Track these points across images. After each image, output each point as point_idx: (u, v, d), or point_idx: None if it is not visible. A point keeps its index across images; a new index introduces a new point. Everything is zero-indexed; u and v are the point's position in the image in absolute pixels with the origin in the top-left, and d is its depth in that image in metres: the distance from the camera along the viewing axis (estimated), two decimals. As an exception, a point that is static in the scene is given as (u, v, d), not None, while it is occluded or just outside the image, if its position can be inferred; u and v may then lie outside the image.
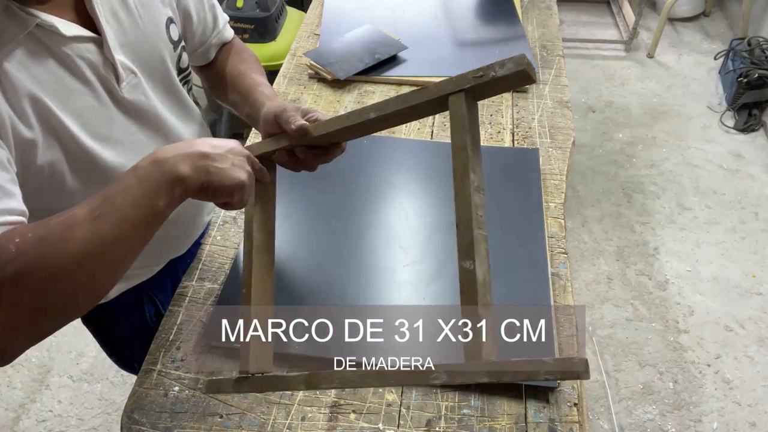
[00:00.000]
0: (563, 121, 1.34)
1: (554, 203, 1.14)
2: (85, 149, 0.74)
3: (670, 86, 3.06)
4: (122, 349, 1.13)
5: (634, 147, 2.70)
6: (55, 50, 0.69)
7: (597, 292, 2.10)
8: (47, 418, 1.77)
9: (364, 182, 1.20)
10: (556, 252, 1.05)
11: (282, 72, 1.51)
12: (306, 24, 1.70)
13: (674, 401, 1.79)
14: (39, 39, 0.67)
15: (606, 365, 1.88)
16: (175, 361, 0.90)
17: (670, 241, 2.28)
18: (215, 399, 0.86)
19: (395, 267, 1.01)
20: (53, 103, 0.69)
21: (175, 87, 0.88)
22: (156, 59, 0.82)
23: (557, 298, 0.97)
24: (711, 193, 2.47)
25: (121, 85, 0.76)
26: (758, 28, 3.03)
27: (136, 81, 0.79)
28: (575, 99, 2.97)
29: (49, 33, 0.68)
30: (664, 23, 3.16)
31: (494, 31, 1.64)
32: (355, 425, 0.83)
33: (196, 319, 0.96)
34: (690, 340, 1.95)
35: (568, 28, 3.49)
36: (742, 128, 2.75)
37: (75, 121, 0.72)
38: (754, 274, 2.15)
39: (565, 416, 0.83)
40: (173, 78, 0.87)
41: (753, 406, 1.78)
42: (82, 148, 0.74)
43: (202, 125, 1.00)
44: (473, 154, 0.64)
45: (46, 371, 1.88)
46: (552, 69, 1.50)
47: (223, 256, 1.05)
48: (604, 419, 1.75)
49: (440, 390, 0.87)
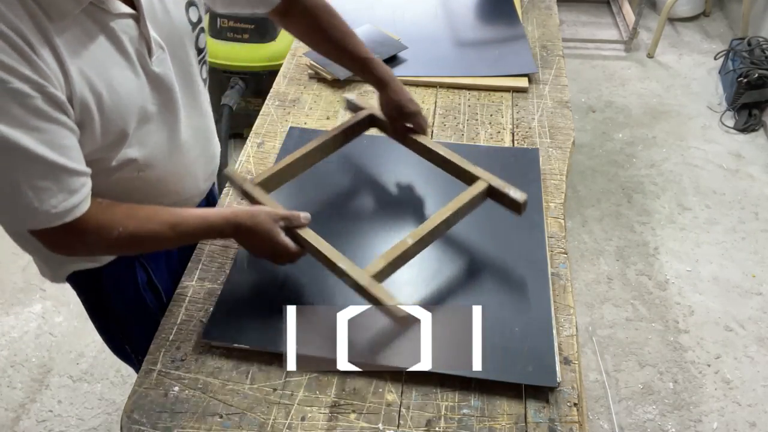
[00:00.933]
0: (563, 121, 1.34)
1: (554, 203, 1.14)
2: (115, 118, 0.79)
3: (670, 86, 3.06)
4: (114, 327, 1.12)
5: (634, 147, 2.70)
6: (105, 26, 0.76)
7: (597, 292, 2.10)
8: (47, 418, 1.77)
9: (364, 182, 1.20)
10: (556, 252, 1.05)
11: (282, 72, 1.51)
12: (306, 24, 1.70)
13: (674, 401, 1.79)
14: (91, 15, 0.74)
15: (606, 365, 1.88)
16: (175, 361, 0.91)
17: (670, 241, 2.28)
18: (215, 399, 0.86)
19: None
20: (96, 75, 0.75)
21: (191, 68, 0.93)
22: (177, 37, 0.88)
23: (557, 298, 0.97)
24: (711, 193, 2.47)
25: (152, 59, 0.83)
26: (758, 28, 3.03)
27: (163, 56, 0.85)
28: (575, 99, 2.97)
29: (100, 10, 0.75)
30: (664, 23, 3.16)
31: (494, 31, 1.64)
32: (355, 425, 0.83)
33: (196, 319, 0.96)
34: (690, 340, 1.95)
35: (568, 28, 3.49)
36: (742, 128, 2.75)
37: (111, 93, 0.77)
38: (754, 274, 2.15)
39: (565, 416, 0.83)
40: (191, 58, 0.93)
41: (753, 406, 1.78)
42: (112, 118, 0.79)
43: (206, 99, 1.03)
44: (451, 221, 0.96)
45: (46, 371, 1.88)
46: (552, 69, 1.50)
47: (223, 256, 1.05)
48: (604, 419, 1.75)
49: (440, 390, 0.87)
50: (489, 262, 1.02)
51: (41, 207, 0.73)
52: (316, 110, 1.38)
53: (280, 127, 1.32)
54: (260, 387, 0.87)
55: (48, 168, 0.71)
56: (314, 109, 1.38)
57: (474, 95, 1.42)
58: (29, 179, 0.71)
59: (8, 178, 0.70)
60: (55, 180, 0.72)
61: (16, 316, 2.04)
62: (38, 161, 0.70)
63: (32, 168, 0.71)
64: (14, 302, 2.08)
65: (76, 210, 0.76)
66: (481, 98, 1.41)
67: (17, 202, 0.72)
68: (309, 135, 1.26)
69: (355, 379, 0.88)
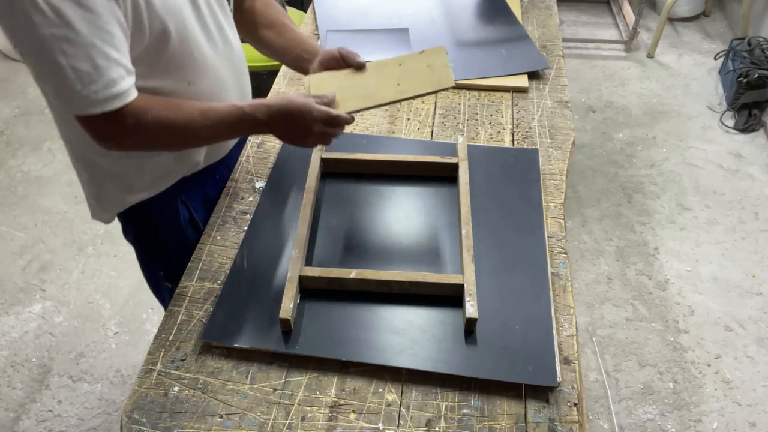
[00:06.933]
0: (563, 121, 1.34)
1: (554, 203, 1.14)
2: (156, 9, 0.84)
3: (670, 86, 3.06)
4: (158, 259, 1.20)
5: (634, 147, 2.70)
6: None
7: (597, 292, 2.10)
8: (47, 418, 1.77)
9: (364, 182, 1.20)
10: (556, 252, 1.05)
11: (282, 72, 1.51)
12: (306, 24, 1.70)
13: (674, 401, 1.79)
14: None
15: (606, 365, 1.88)
16: (175, 361, 0.91)
17: (670, 241, 2.28)
18: (215, 399, 0.86)
19: (395, 267, 1.01)
20: None
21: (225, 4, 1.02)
22: None
23: (557, 298, 0.97)
24: (711, 193, 2.47)
25: None
26: (758, 28, 3.03)
27: None
28: (575, 99, 2.97)
29: None
30: (664, 23, 3.15)
31: (495, 32, 1.63)
32: (355, 425, 0.83)
33: (196, 319, 0.96)
34: (690, 340, 1.95)
35: (568, 28, 3.49)
36: (742, 128, 2.75)
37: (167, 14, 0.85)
38: (754, 274, 2.15)
39: (564, 416, 0.83)
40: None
41: (753, 406, 1.78)
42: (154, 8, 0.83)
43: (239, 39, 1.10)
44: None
45: (46, 371, 1.88)
46: (552, 69, 1.50)
47: (223, 256, 1.05)
48: (604, 419, 1.75)
49: (440, 390, 0.87)
50: (489, 262, 1.02)
51: (83, 91, 0.78)
52: (316, 110, 1.37)
53: (280, 127, 1.32)
54: (260, 387, 0.87)
55: (88, 51, 0.75)
56: (314, 109, 1.38)
57: (474, 95, 1.42)
58: (70, 60, 0.75)
59: (53, 56, 0.75)
60: (95, 66, 0.77)
61: (16, 316, 2.04)
62: (80, 42, 0.74)
63: (73, 49, 0.75)
64: (14, 302, 2.08)
65: (116, 101, 0.80)
66: (481, 98, 1.41)
67: (63, 83, 0.77)
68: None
69: (355, 379, 0.88)
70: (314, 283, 0.96)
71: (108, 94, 0.79)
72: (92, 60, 0.76)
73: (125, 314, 2.02)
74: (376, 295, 0.96)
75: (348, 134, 1.28)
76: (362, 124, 1.33)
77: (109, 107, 0.80)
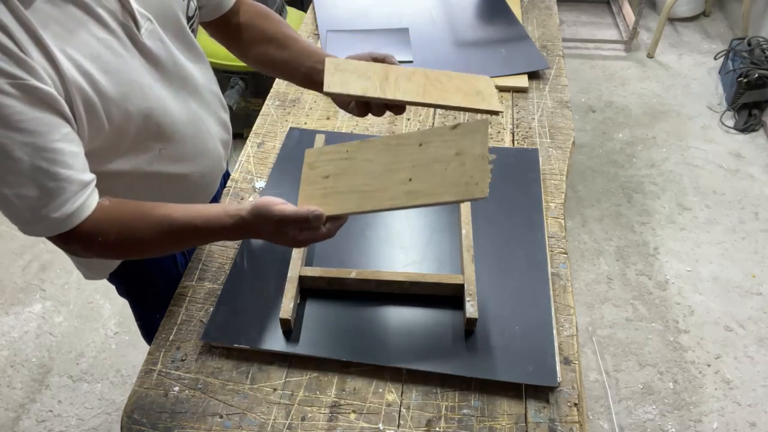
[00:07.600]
0: (563, 121, 1.34)
1: (554, 203, 1.14)
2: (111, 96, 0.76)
3: (670, 86, 3.06)
4: (152, 303, 1.14)
5: (634, 147, 2.70)
6: (82, 5, 0.72)
7: (597, 292, 2.10)
8: (47, 418, 1.77)
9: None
10: (556, 252, 1.05)
11: (282, 72, 1.51)
12: (306, 24, 1.70)
13: (674, 401, 1.79)
14: None
15: (606, 365, 1.88)
16: (175, 361, 0.91)
17: (670, 241, 2.28)
18: (215, 399, 0.86)
19: (395, 267, 1.01)
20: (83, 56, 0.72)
21: (185, 32, 0.91)
22: (167, 7, 0.86)
23: (557, 298, 0.97)
24: (711, 193, 2.47)
25: (140, 31, 0.80)
26: (758, 28, 3.02)
27: (152, 27, 0.83)
28: (575, 99, 2.97)
29: None
30: (664, 23, 3.15)
31: (495, 32, 1.63)
32: (355, 425, 0.83)
33: (196, 319, 0.96)
34: (690, 340, 1.95)
35: (568, 28, 3.49)
36: (742, 128, 2.75)
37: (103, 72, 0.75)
38: (754, 274, 2.15)
39: (565, 416, 0.83)
40: (183, 24, 0.90)
41: (753, 406, 1.78)
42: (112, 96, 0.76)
43: (208, 64, 1.02)
44: None
45: (46, 371, 1.88)
46: (552, 69, 1.50)
47: (223, 256, 1.05)
48: (604, 419, 1.75)
49: (440, 390, 0.87)
50: (489, 262, 1.02)
51: (33, 218, 0.72)
52: (316, 110, 1.38)
53: (280, 127, 1.32)
54: (260, 387, 0.87)
55: (33, 176, 0.69)
56: (314, 109, 1.38)
57: (474, 95, 1.42)
58: (14, 189, 0.69)
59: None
60: (43, 190, 0.70)
61: (16, 316, 2.04)
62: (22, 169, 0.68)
63: (16, 177, 0.69)
64: (14, 302, 2.08)
65: (69, 221, 0.74)
66: (481, 98, 1.41)
67: (11, 210, 0.71)
68: (309, 135, 1.27)
69: (355, 379, 0.88)
70: (314, 283, 0.96)
71: (60, 215, 0.72)
72: (39, 184, 0.70)
73: (125, 314, 2.02)
74: (376, 295, 0.96)
75: (348, 134, 1.28)
76: (362, 124, 1.32)
77: (64, 228, 0.74)
